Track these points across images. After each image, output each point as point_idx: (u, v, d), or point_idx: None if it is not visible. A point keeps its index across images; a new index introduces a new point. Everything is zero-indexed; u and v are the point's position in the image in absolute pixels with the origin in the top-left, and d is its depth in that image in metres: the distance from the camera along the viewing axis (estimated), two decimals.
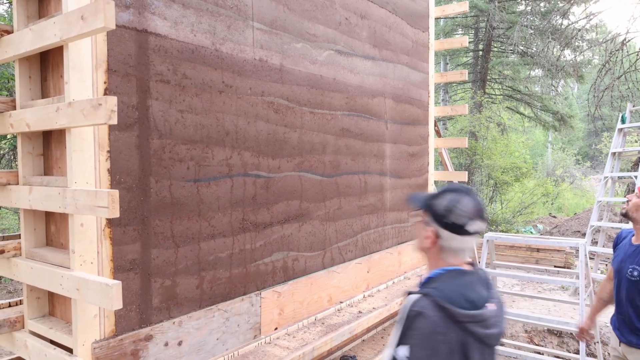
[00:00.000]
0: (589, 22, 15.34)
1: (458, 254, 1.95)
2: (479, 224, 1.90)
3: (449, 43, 6.96)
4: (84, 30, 2.15)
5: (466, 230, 1.89)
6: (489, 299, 1.89)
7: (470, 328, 1.78)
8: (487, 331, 1.82)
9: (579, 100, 42.77)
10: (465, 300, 1.81)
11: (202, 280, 3.21)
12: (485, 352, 1.85)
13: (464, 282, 1.89)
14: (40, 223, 2.80)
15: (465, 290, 1.85)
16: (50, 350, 2.53)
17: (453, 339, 1.76)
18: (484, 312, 1.82)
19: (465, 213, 1.88)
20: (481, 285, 1.93)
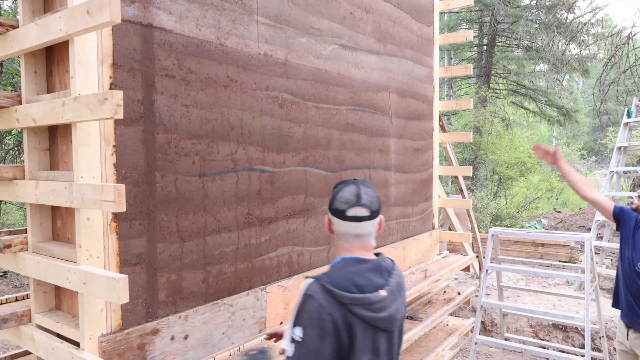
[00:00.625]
0: (594, 16, 15.28)
1: (349, 239, 2.11)
2: (358, 209, 2.07)
3: (453, 37, 6.94)
4: (89, 25, 2.15)
5: (347, 216, 2.08)
6: (383, 286, 2.02)
7: (354, 310, 1.90)
8: (374, 314, 1.94)
9: (584, 94, 42.65)
10: (352, 285, 1.95)
11: (207, 274, 3.22)
12: (379, 335, 1.99)
13: (355, 269, 2.03)
14: (46, 218, 2.81)
15: (354, 277, 2.00)
16: (57, 344, 2.54)
17: (339, 320, 1.88)
18: (368, 296, 1.94)
19: (345, 200, 2.08)
20: (376, 273, 2.07)
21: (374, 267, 2.08)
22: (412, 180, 5.83)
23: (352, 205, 2.07)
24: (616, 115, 27.69)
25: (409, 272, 5.62)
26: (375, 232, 2.17)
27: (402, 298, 2.11)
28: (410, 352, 5.24)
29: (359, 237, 2.11)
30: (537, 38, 18.80)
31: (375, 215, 2.13)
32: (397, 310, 2.04)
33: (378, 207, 2.14)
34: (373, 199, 2.12)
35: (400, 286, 2.12)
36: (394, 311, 2.02)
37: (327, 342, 1.87)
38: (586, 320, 5.20)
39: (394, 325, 2.05)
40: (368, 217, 2.10)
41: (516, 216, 16.85)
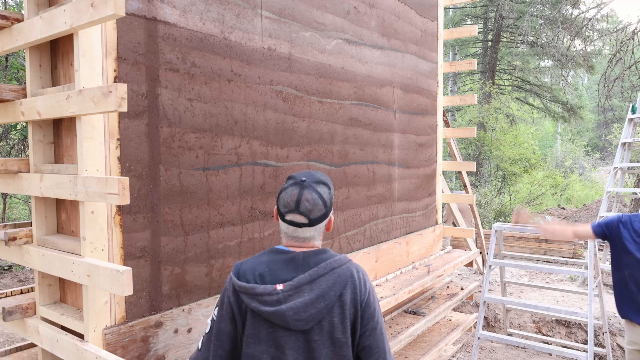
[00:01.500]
0: (599, 11, 15.24)
1: (287, 237, 2.08)
2: (296, 216, 2.03)
3: (458, 32, 6.93)
4: (94, 18, 2.16)
5: (285, 219, 2.06)
6: (288, 280, 1.94)
7: (243, 298, 1.95)
8: (260, 306, 1.91)
9: (589, 90, 42.52)
10: (253, 274, 1.97)
11: (211, 268, 3.23)
12: (280, 331, 1.92)
13: (266, 259, 2.03)
14: (51, 210, 2.82)
15: (259, 266, 2.00)
16: (61, 336, 2.55)
17: (234, 304, 1.98)
18: (255, 286, 1.92)
19: (284, 203, 2.05)
20: (290, 266, 1.99)
21: (288, 259, 2.01)
22: (415, 175, 5.83)
23: (290, 211, 2.03)
24: (621, 111, 27.62)
25: (412, 267, 5.62)
26: (319, 234, 2.11)
27: (323, 301, 1.92)
28: (413, 346, 5.25)
29: (297, 239, 2.07)
30: (542, 34, 18.73)
31: (316, 222, 2.05)
32: (302, 309, 1.90)
33: (320, 215, 2.05)
34: (314, 206, 2.03)
35: (323, 288, 1.93)
36: (294, 308, 1.90)
37: (226, 323, 1.99)
38: (589, 316, 5.20)
39: (298, 325, 1.91)
40: (306, 224, 2.04)
41: None
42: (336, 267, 1.97)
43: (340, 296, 1.94)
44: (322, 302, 1.91)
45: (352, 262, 2.05)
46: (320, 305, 1.91)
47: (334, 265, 1.97)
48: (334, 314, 1.93)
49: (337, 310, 1.93)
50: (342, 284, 1.95)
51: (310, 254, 2.02)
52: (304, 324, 1.90)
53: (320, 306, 1.91)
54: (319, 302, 1.91)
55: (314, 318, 1.91)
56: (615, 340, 6.82)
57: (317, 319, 1.91)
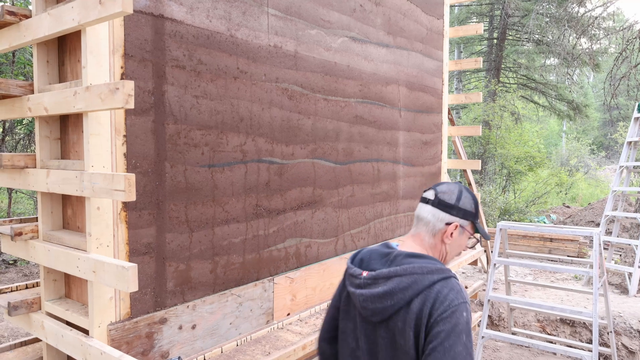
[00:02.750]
0: (605, 10, 15.16)
1: (413, 224, 2.23)
2: (428, 191, 2.19)
3: (463, 30, 6.91)
4: (101, 15, 2.17)
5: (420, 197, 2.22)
6: (369, 269, 2.08)
7: (346, 275, 2.17)
8: (349, 286, 2.11)
9: (595, 89, 42.36)
10: (359, 258, 2.17)
11: (215, 265, 3.24)
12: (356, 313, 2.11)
13: (374, 249, 2.18)
14: (57, 206, 2.83)
15: (366, 253, 2.17)
16: (66, 331, 2.56)
17: (342, 280, 2.25)
18: (352, 267, 2.13)
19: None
20: (381, 259, 2.11)
21: (385, 254, 2.12)
22: (420, 173, 5.83)
23: (427, 189, 2.20)
24: (627, 109, 27.52)
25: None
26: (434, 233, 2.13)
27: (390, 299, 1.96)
28: None
29: (416, 220, 2.18)
30: (548, 32, 18.68)
31: (440, 206, 2.11)
32: (370, 300, 1.99)
33: (448, 202, 2.11)
34: (449, 191, 2.14)
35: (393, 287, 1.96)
36: (365, 296, 2.00)
37: (336, 293, 2.30)
38: (594, 315, 5.20)
39: (365, 312, 2.01)
40: (430, 201, 2.14)
41: (525, 211, 16.81)
42: (416, 273, 1.96)
43: (409, 302, 1.93)
44: (389, 301, 1.95)
45: (448, 279, 1.98)
46: (387, 303, 1.95)
47: (415, 270, 1.96)
48: (399, 317, 1.94)
49: (403, 315, 1.94)
50: (415, 291, 1.93)
51: (405, 254, 2.06)
52: (370, 314, 2.00)
53: (387, 304, 1.95)
54: (385, 299, 1.96)
55: (379, 312, 1.97)
56: (620, 340, 6.81)
57: (383, 315, 1.97)
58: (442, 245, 2.14)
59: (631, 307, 7.61)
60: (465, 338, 1.88)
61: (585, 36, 17.09)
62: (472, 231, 2.19)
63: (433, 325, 1.88)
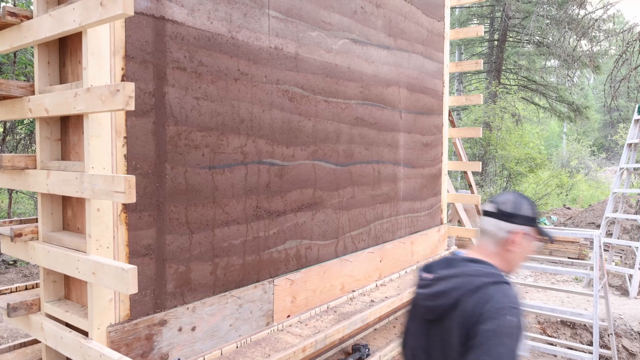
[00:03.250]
0: (606, 12, 15.15)
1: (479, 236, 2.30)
2: (487, 204, 2.26)
3: (464, 32, 6.91)
4: (103, 17, 2.17)
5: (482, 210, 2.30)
6: (433, 273, 2.19)
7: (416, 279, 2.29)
8: (416, 289, 2.24)
9: (595, 91, 42.35)
10: (426, 266, 2.28)
11: (215, 266, 3.24)
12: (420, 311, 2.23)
13: (441, 258, 2.30)
14: (57, 207, 2.83)
15: (434, 261, 2.29)
16: (65, 333, 2.56)
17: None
18: (420, 273, 2.26)
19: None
20: (445, 265, 2.21)
21: (450, 260, 2.24)
22: (421, 175, 5.83)
23: (485, 202, 2.29)
24: (627, 111, 27.51)
25: (416, 267, 5.62)
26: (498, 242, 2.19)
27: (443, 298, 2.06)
28: None
29: (482, 233, 2.25)
30: (548, 34, 18.68)
31: (501, 217, 2.17)
32: (426, 298, 2.13)
33: (507, 211, 2.17)
34: (507, 201, 2.19)
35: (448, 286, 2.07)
36: (423, 295, 2.15)
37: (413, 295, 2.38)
38: (595, 317, 5.20)
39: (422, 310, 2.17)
40: (491, 214, 2.21)
41: None
42: (469, 274, 2.06)
43: (459, 301, 2.02)
44: (442, 300, 2.06)
45: (500, 283, 2.04)
46: (440, 302, 2.07)
47: (468, 272, 2.07)
48: (450, 316, 2.04)
49: (453, 314, 2.03)
50: (465, 291, 2.02)
51: (463, 259, 2.19)
52: (427, 312, 2.14)
53: (440, 302, 2.07)
54: (439, 298, 2.08)
55: (433, 310, 2.10)
56: (620, 342, 6.81)
57: (436, 313, 2.09)
58: (507, 253, 2.20)
59: (632, 309, 7.60)
60: (510, 341, 1.89)
61: (586, 38, 17.09)
62: (536, 235, 2.26)
63: (477, 324, 1.94)
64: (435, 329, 2.10)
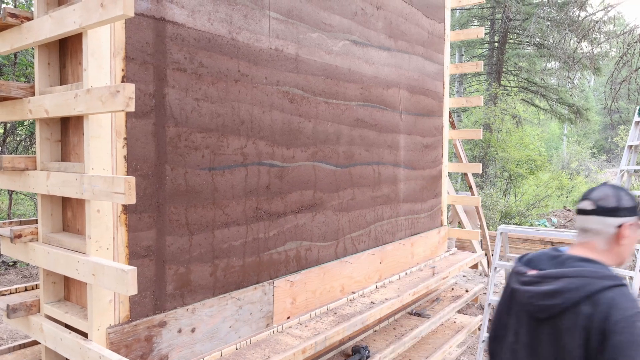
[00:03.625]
0: (606, 14, 15.16)
1: (578, 235, 2.26)
2: (583, 202, 2.21)
3: (464, 34, 6.91)
4: (103, 18, 2.17)
5: (576, 209, 2.26)
6: (537, 269, 2.17)
7: (510, 275, 2.31)
8: (513, 283, 2.24)
9: (596, 92, 42.35)
10: (526, 258, 2.29)
11: (215, 268, 3.23)
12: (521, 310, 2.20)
13: (543, 252, 2.29)
14: (57, 208, 2.83)
15: (534, 255, 2.29)
16: (65, 334, 2.56)
17: (507, 278, 2.37)
18: (518, 266, 2.26)
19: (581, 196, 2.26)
20: (551, 261, 2.19)
21: (554, 256, 2.22)
22: (421, 176, 5.82)
23: (581, 199, 2.24)
24: (627, 113, 27.49)
25: (417, 268, 5.62)
26: (605, 238, 2.15)
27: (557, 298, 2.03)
28: (417, 349, 5.25)
29: (582, 231, 2.21)
30: (549, 35, 18.67)
31: (603, 213, 2.13)
32: (536, 296, 2.09)
33: (609, 207, 2.13)
34: (605, 196, 2.14)
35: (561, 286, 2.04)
36: (531, 292, 2.12)
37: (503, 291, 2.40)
38: None
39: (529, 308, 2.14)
40: (591, 211, 2.16)
41: (525, 214, 16.80)
42: (587, 276, 2.01)
43: (578, 303, 1.97)
44: (557, 299, 2.02)
45: (621, 286, 2.00)
46: (554, 301, 2.02)
47: (585, 274, 2.02)
48: (567, 317, 1.99)
49: (571, 315, 1.98)
50: (585, 293, 1.97)
51: (576, 258, 2.13)
52: (536, 311, 2.09)
53: (554, 302, 2.02)
54: (553, 298, 2.03)
55: (546, 309, 2.05)
56: None
57: (549, 312, 2.04)
58: (617, 247, 2.18)
59: None
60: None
61: (586, 40, 17.08)
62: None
63: (610, 335, 1.89)
64: (546, 327, 2.07)
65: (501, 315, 2.36)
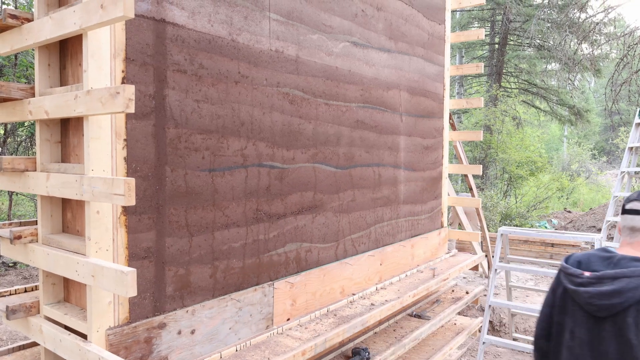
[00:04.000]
0: (606, 15, 15.15)
1: (625, 233, 2.39)
2: (634, 203, 2.36)
3: (465, 35, 6.91)
4: (103, 19, 2.16)
5: (624, 209, 2.38)
6: (591, 270, 2.29)
7: (560, 276, 2.42)
8: (568, 284, 2.33)
9: (596, 94, 42.33)
10: (574, 260, 2.41)
11: (215, 269, 3.23)
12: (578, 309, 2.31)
13: (590, 254, 2.42)
14: (56, 210, 2.83)
15: (582, 257, 2.41)
16: (64, 335, 2.56)
17: (556, 279, 2.47)
18: (569, 268, 2.36)
19: (629, 197, 2.39)
20: (604, 262, 2.31)
21: (606, 257, 2.33)
22: (421, 178, 5.82)
23: (630, 200, 2.37)
24: (628, 115, 27.49)
25: (417, 270, 5.61)
26: None
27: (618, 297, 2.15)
28: (417, 350, 5.24)
29: (632, 231, 2.35)
30: (549, 37, 18.67)
31: None
32: (596, 297, 2.19)
33: None
34: None
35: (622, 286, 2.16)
36: (590, 293, 2.21)
37: (549, 291, 2.51)
38: None
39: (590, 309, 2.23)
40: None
41: (526, 215, 16.79)
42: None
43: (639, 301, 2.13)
44: (617, 299, 2.14)
45: None
46: (615, 301, 2.15)
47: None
48: (629, 314, 2.13)
49: (632, 313, 2.13)
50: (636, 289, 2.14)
51: (630, 258, 2.26)
52: (596, 310, 2.20)
53: (615, 301, 2.15)
54: (614, 297, 2.15)
55: (606, 308, 2.18)
56: None
57: (610, 311, 2.17)
58: None
59: None
60: None
61: (587, 42, 17.08)
62: None
63: None
64: (607, 325, 2.19)
65: (551, 315, 2.48)
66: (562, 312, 2.40)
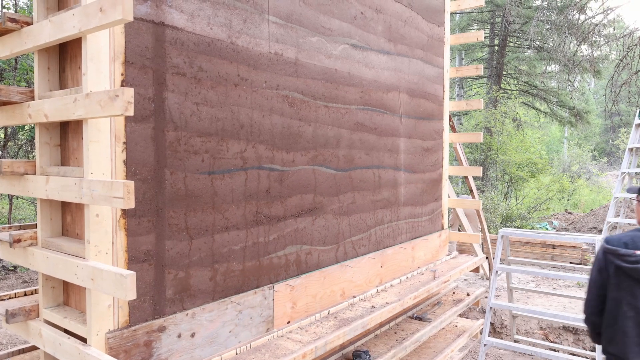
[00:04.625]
0: (606, 17, 15.15)
1: None
2: None
3: (464, 37, 6.91)
4: (102, 22, 2.17)
5: None
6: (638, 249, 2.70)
7: (608, 257, 2.81)
8: (623, 264, 2.72)
9: (596, 95, 42.34)
10: (618, 242, 2.78)
11: (215, 272, 3.23)
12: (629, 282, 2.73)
13: (631, 234, 2.79)
14: (56, 213, 2.83)
15: (625, 238, 2.78)
16: (64, 339, 2.55)
17: (602, 261, 2.86)
18: (618, 249, 2.74)
19: None
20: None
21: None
22: (421, 180, 5.82)
23: None
24: (628, 116, 27.52)
25: (417, 272, 5.61)
26: None
27: None
28: (418, 353, 5.23)
29: None
30: (549, 39, 18.68)
31: None
32: None
33: None
34: None
35: None
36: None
37: (595, 273, 2.90)
38: None
39: None
40: None
41: (527, 217, 16.76)
42: None
43: None
44: None
45: None
46: None
47: None
48: None
49: None
50: None
51: None
52: None
53: None
54: None
55: None
56: None
57: None
58: None
59: None
60: None
61: (586, 43, 17.08)
62: None
63: None
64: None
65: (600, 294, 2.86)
66: (618, 289, 2.75)
